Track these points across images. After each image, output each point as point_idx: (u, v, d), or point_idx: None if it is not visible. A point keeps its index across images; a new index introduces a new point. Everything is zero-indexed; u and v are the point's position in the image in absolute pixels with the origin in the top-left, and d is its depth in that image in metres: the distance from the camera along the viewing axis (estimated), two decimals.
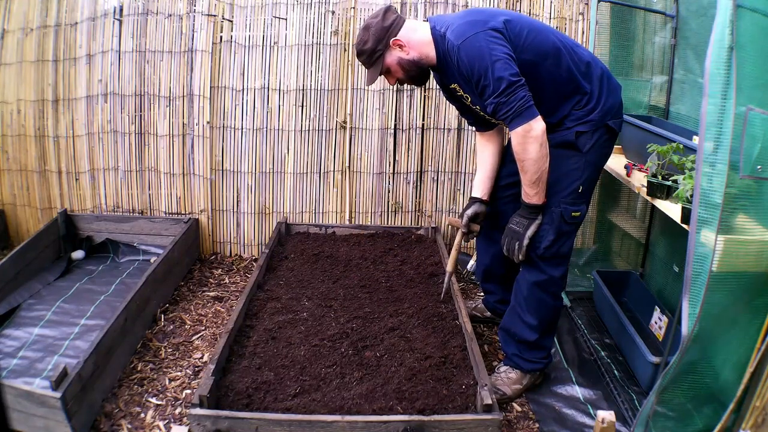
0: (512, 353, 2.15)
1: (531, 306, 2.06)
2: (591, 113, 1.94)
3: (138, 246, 3.04)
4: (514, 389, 2.11)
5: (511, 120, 1.81)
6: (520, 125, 1.80)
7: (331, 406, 1.75)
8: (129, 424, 1.90)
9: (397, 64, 2.03)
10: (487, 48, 1.78)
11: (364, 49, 2.03)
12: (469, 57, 1.81)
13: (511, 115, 1.79)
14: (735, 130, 1.35)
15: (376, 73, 2.07)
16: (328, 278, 2.62)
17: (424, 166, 3.20)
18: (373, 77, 2.09)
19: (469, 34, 1.82)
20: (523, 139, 1.81)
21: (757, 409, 1.50)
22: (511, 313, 2.15)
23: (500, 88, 1.77)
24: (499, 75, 1.76)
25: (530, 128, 1.80)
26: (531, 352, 2.11)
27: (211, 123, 3.07)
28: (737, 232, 1.43)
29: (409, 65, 2.02)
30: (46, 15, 3.00)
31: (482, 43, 1.79)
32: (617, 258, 3.08)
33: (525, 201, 1.94)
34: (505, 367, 2.17)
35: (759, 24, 1.37)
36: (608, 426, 1.67)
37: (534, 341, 2.08)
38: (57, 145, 3.13)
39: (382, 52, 2.02)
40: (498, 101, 1.80)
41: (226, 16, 3.00)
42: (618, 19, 2.74)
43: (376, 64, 2.05)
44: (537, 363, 2.12)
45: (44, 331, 2.26)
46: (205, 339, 2.43)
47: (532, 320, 2.06)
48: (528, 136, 1.80)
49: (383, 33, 2.00)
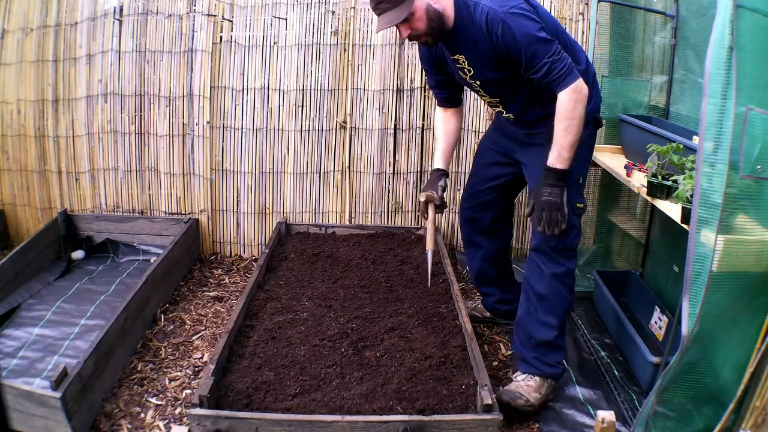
0: (531, 357, 2.05)
1: (549, 302, 2.02)
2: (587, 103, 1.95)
3: (138, 246, 3.04)
4: (535, 397, 1.99)
5: (564, 78, 1.82)
6: (573, 82, 1.82)
7: (331, 406, 1.75)
8: (129, 424, 1.90)
9: (424, 10, 1.85)
10: (530, 16, 1.81)
11: None
12: (517, 25, 1.78)
13: (565, 72, 1.81)
14: (735, 130, 1.35)
15: (399, 15, 1.83)
16: (328, 278, 2.62)
17: (424, 166, 3.20)
18: (392, 19, 1.84)
19: (511, 3, 1.81)
20: (577, 96, 1.83)
21: (757, 409, 1.50)
22: (525, 318, 2.09)
23: (553, 49, 1.80)
24: (546, 37, 1.80)
25: (581, 86, 1.83)
26: (550, 354, 2.04)
27: (211, 123, 3.07)
28: (737, 232, 1.43)
29: (435, 16, 1.87)
30: (46, 15, 3.00)
31: (525, 12, 1.81)
32: (617, 258, 3.08)
33: (555, 166, 1.90)
34: (523, 375, 2.05)
35: (759, 24, 1.37)
36: (608, 426, 1.66)
37: (552, 340, 2.03)
38: (57, 145, 3.13)
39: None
40: (551, 60, 1.80)
41: (226, 16, 3.00)
42: (618, 19, 2.74)
43: (405, 5, 1.82)
44: (556, 367, 2.04)
45: (44, 331, 2.26)
46: (205, 339, 2.43)
47: (550, 318, 2.02)
48: (580, 93, 1.83)
49: None
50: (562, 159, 1.89)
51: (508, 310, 2.50)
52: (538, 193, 1.95)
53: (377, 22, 1.89)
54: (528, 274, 2.09)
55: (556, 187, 1.91)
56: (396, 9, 1.83)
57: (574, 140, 1.87)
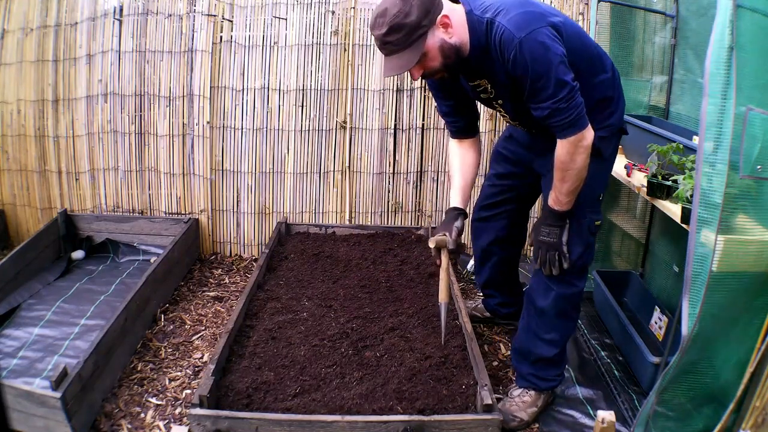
0: (528, 373, 2.01)
1: (552, 321, 1.94)
2: (611, 117, 1.86)
3: (138, 246, 3.04)
4: (530, 413, 1.97)
5: (566, 128, 1.65)
6: (574, 134, 1.65)
7: (331, 406, 1.75)
8: (129, 424, 1.90)
9: (438, 49, 1.64)
10: (552, 46, 1.57)
11: (405, 22, 1.56)
12: (533, 54, 1.56)
13: (567, 123, 1.63)
14: (735, 130, 1.35)
15: (412, 58, 1.60)
16: (328, 278, 2.62)
17: (424, 166, 3.20)
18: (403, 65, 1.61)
19: (533, 26, 1.57)
20: (574, 149, 1.67)
21: (757, 409, 1.50)
22: (525, 332, 2.02)
23: (561, 94, 1.59)
24: (561, 78, 1.58)
25: (583, 137, 1.66)
26: (547, 370, 1.99)
27: (211, 123, 3.07)
28: (737, 232, 1.43)
29: (450, 51, 1.65)
30: (46, 15, 3.00)
31: (546, 40, 1.57)
32: (617, 258, 3.08)
33: (554, 208, 1.81)
34: (519, 390, 2.03)
35: (759, 24, 1.37)
36: (608, 426, 1.66)
37: (552, 357, 1.97)
38: (57, 145, 3.13)
39: (426, 29, 1.59)
40: (556, 107, 1.61)
41: (226, 16, 3.00)
42: (618, 19, 2.74)
43: (415, 46, 1.59)
44: (553, 381, 2.02)
45: (44, 331, 2.26)
46: (205, 339, 2.43)
47: (553, 336, 1.95)
48: (579, 145, 1.66)
49: (430, 4, 1.58)
50: (560, 203, 1.80)
51: (509, 312, 2.50)
52: (537, 231, 1.88)
53: (384, 64, 1.67)
54: (533, 289, 1.99)
55: (555, 227, 1.83)
56: (407, 51, 1.60)
57: (572, 188, 1.75)
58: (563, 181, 1.75)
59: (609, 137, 1.87)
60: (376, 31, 1.60)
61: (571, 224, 1.84)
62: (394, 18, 1.55)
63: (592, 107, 1.77)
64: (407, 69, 1.62)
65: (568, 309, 1.96)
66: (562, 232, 1.82)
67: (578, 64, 1.71)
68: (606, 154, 1.87)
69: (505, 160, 2.20)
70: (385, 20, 1.57)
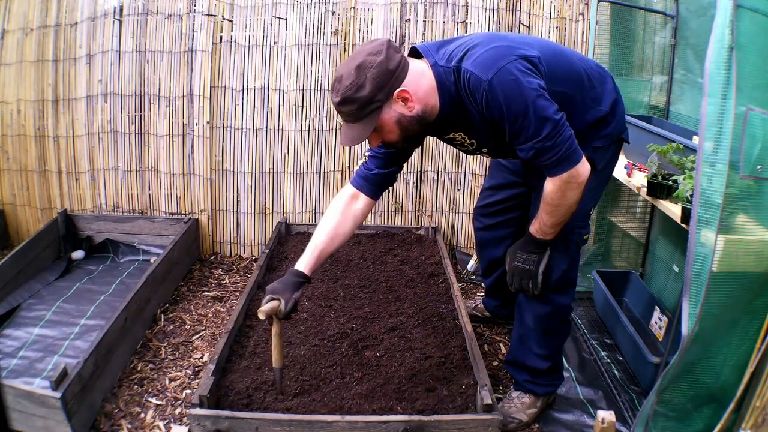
0: (524, 380, 1.99)
1: (540, 338, 1.91)
2: (607, 127, 1.75)
3: (138, 246, 3.04)
4: (530, 414, 1.96)
5: (555, 166, 1.54)
6: (565, 171, 1.53)
7: (331, 406, 1.75)
8: (129, 424, 1.90)
9: (395, 123, 1.54)
10: (524, 81, 1.46)
11: (357, 96, 1.47)
12: (505, 93, 1.46)
13: (556, 161, 1.52)
14: (735, 130, 1.35)
15: (364, 131, 1.52)
16: (328, 278, 2.62)
17: (424, 166, 3.20)
18: (355, 137, 1.54)
19: (500, 64, 1.46)
20: (566, 186, 1.56)
21: (757, 409, 1.50)
22: (518, 343, 1.99)
23: (545, 131, 1.48)
24: (542, 115, 1.47)
25: (576, 174, 1.54)
26: (544, 377, 1.98)
27: (211, 123, 3.07)
28: (737, 232, 1.42)
29: (410, 123, 1.56)
30: (46, 15, 3.00)
31: (517, 75, 1.46)
32: (617, 258, 3.08)
33: (537, 237, 1.72)
34: (517, 392, 2.01)
35: (759, 24, 1.37)
36: (608, 426, 1.66)
37: (546, 369, 1.95)
38: (57, 145, 3.13)
39: (381, 104, 1.50)
40: (541, 146, 1.50)
41: (226, 16, 2.99)
42: (618, 19, 2.74)
43: (368, 120, 1.51)
44: (550, 386, 2.00)
45: (44, 331, 2.26)
46: (205, 339, 2.43)
47: (542, 350, 1.92)
48: (571, 182, 1.55)
49: (387, 78, 1.48)
50: (544, 234, 1.71)
51: (509, 312, 2.49)
52: (513, 256, 1.78)
53: (342, 131, 1.59)
54: (520, 305, 1.95)
55: (533, 254, 1.74)
56: (359, 123, 1.52)
57: (559, 221, 1.66)
58: (550, 215, 1.66)
59: (604, 147, 1.76)
60: (333, 96, 1.54)
61: (556, 243, 1.75)
62: (347, 90, 1.48)
63: (585, 130, 1.69)
64: (360, 142, 1.55)
65: (555, 325, 1.92)
66: (541, 259, 1.74)
67: (567, 90, 1.63)
68: (600, 165, 1.75)
69: (503, 171, 2.17)
70: (339, 89, 1.50)
